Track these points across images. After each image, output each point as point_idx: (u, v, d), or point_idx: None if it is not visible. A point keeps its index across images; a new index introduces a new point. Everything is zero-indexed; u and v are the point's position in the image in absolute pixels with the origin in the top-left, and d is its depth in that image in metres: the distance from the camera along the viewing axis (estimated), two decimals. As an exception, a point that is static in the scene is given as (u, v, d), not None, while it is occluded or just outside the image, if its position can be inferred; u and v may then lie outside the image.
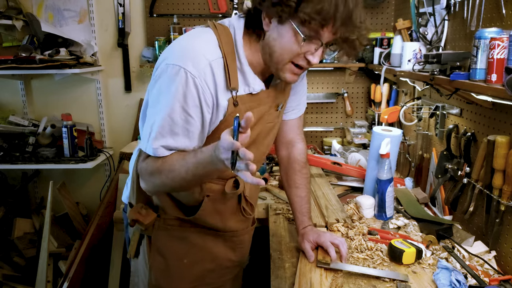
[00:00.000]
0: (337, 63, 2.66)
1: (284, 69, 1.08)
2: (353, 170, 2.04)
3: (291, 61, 1.07)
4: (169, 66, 1.03)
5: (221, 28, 1.12)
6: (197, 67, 1.02)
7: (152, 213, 1.22)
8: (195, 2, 2.71)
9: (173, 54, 1.06)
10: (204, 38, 1.08)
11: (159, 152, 1.05)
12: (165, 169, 1.05)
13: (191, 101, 1.03)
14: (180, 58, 1.03)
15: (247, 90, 1.14)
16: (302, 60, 1.06)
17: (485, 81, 1.20)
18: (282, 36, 1.04)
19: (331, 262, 1.25)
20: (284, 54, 1.06)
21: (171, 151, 1.06)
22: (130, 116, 2.91)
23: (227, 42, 1.10)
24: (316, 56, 1.05)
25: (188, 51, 1.05)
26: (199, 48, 1.05)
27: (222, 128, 1.11)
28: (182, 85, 1.01)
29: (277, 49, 1.06)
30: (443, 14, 1.70)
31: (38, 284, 2.36)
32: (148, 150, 1.07)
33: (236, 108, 1.11)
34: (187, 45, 1.07)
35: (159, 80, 1.06)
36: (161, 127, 1.04)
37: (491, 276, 1.26)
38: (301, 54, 1.05)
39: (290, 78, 1.11)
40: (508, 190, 1.26)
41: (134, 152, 1.38)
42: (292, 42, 1.03)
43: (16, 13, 2.63)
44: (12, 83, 2.83)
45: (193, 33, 1.13)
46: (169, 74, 1.03)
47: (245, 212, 1.32)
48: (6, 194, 2.82)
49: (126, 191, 1.36)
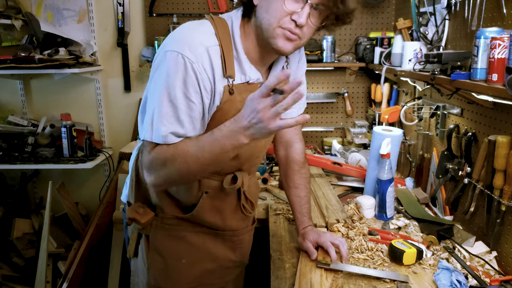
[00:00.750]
0: (338, 63, 2.65)
1: (275, 35, 1.06)
2: (353, 170, 2.04)
3: (280, 26, 1.05)
4: (167, 52, 1.03)
5: (218, 19, 1.13)
6: (195, 52, 1.02)
7: (149, 212, 1.22)
8: (195, 1, 2.70)
9: (171, 42, 1.06)
10: (200, 28, 1.09)
11: (170, 139, 1.03)
12: (180, 155, 1.01)
13: (191, 87, 1.03)
14: (177, 44, 1.03)
15: (243, 79, 1.14)
16: (289, 22, 1.05)
17: (486, 81, 1.20)
18: (269, 1, 1.05)
19: (332, 263, 1.25)
20: (271, 18, 1.05)
21: (179, 138, 1.04)
22: (130, 116, 2.91)
23: (224, 32, 1.10)
24: (301, 16, 1.03)
25: (185, 38, 1.05)
26: (196, 35, 1.06)
27: (217, 116, 1.11)
28: (182, 70, 1.01)
29: (264, 15, 1.06)
30: (443, 13, 1.70)
31: (37, 284, 2.36)
32: (156, 138, 1.03)
33: (231, 96, 1.11)
34: (184, 33, 1.08)
35: (159, 68, 1.05)
36: (165, 114, 1.02)
37: (492, 276, 1.26)
38: (288, 16, 1.04)
39: (282, 44, 1.07)
40: (509, 190, 1.26)
41: (133, 151, 1.37)
42: (277, 3, 1.04)
43: (15, 12, 2.62)
44: (11, 83, 2.83)
45: (190, 23, 1.13)
46: (168, 60, 1.02)
47: (245, 209, 1.31)
48: (5, 194, 2.81)
49: (125, 190, 1.35)
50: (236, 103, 1.12)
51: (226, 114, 1.11)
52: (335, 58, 2.65)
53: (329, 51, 2.61)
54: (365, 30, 2.71)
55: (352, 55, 2.74)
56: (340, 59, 2.73)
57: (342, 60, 2.73)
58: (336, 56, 2.67)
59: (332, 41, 2.60)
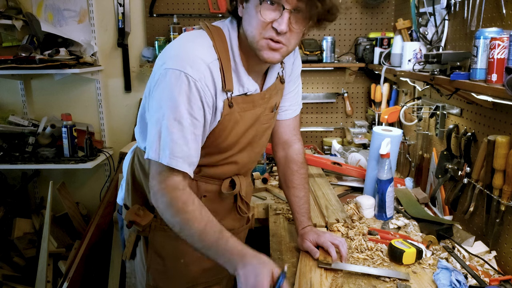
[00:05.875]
0: (337, 63, 2.66)
1: (260, 47, 1.05)
2: (353, 170, 2.04)
3: (263, 37, 1.03)
4: (168, 70, 1.02)
5: (214, 29, 1.11)
6: (197, 70, 1.02)
7: (149, 213, 1.22)
8: (195, 2, 2.71)
9: (171, 58, 1.04)
10: (198, 41, 1.08)
11: (179, 165, 1.02)
12: (187, 228, 1.01)
13: (195, 105, 1.03)
14: (179, 62, 1.02)
15: (241, 91, 1.14)
16: (270, 31, 1.02)
17: (485, 81, 1.20)
18: (249, 13, 1.04)
19: (332, 262, 1.25)
20: (254, 29, 1.03)
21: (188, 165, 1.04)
22: (130, 116, 2.91)
23: (221, 43, 1.09)
24: (281, 23, 1.00)
25: (186, 54, 1.04)
26: (196, 51, 1.04)
27: (217, 129, 1.12)
28: (185, 89, 1.01)
29: (248, 27, 1.05)
30: (443, 14, 1.70)
31: (38, 284, 2.36)
32: (164, 159, 1.02)
33: (230, 109, 1.11)
34: (183, 49, 1.06)
35: (160, 85, 1.03)
36: (171, 134, 1.02)
37: (491, 276, 1.26)
38: (269, 25, 1.02)
39: (267, 55, 1.05)
40: (508, 190, 1.26)
41: (128, 154, 1.37)
42: (257, 13, 1.02)
43: (16, 13, 2.63)
44: (12, 83, 2.83)
45: (187, 36, 1.12)
46: (170, 79, 1.01)
47: (241, 210, 1.33)
48: (6, 194, 2.82)
49: (121, 192, 1.35)
50: (234, 114, 1.12)
51: (225, 128, 1.13)
52: (335, 58, 2.66)
53: (329, 52, 2.61)
54: (364, 31, 2.71)
55: (352, 55, 2.74)
56: (340, 59, 2.74)
57: (342, 60, 2.73)
58: (336, 56, 2.68)
59: (332, 42, 2.60)
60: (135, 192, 1.26)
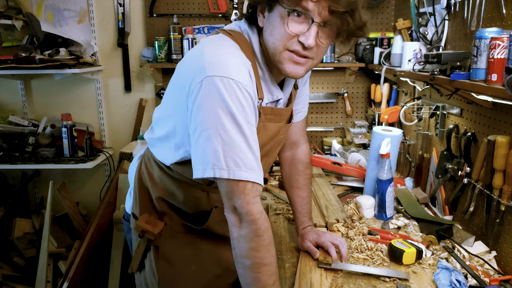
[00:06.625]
0: (337, 63, 2.66)
1: (282, 60, 0.99)
2: (353, 170, 2.04)
3: (286, 48, 0.98)
4: (213, 79, 0.91)
5: (237, 35, 1.05)
6: (243, 75, 0.95)
7: (160, 222, 1.20)
8: (195, 2, 2.71)
9: (208, 67, 0.93)
10: (228, 45, 1.01)
11: (254, 177, 0.94)
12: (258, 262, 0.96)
13: (250, 111, 0.96)
14: (220, 69, 0.92)
15: (270, 99, 1.10)
16: (296, 44, 0.97)
17: (485, 81, 1.20)
18: (273, 24, 0.98)
19: (332, 262, 1.25)
20: (277, 41, 0.98)
21: (258, 175, 0.96)
22: (130, 116, 2.91)
23: (248, 49, 1.03)
24: (309, 37, 0.94)
25: (225, 60, 0.95)
26: (234, 56, 0.98)
27: None
28: (238, 96, 0.93)
29: (270, 38, 0.99)
30: (443, 14, 1.70)
31: (38, 284, 2.36)
32: (235, 174, 0.93)
33: (259, 118, 1.05)
34: (220, 55, 0.97)
35: (206, 96, 0.93)
36: (237, 145, 0.93)
37: (491, 276, 1.26)
38: (294, 38, 0.96)
39: (290, 69, 1.00)
40: (508, 190, 1.26)
41: (134, 161, 1.35)
42: (282, 25, 0.96)
43: (16, 13, 2.63)
44: (12, 83, 2.83)
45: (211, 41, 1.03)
46: (217, 87, 0.91)
47: None
48: (5, 194, 2.82)
49: (129, 201, 1.32)
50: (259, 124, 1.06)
51: None
52: (335, 58, 2.66)
53: (329, 51, 2.61)
54: (365, 30, 2.71)
55: (352, 55, 2.74)
56: (340, 59, 2.74)
57: (342, 60, 2.73)
58: (336, 56, 2.68)
59: (332, 42, 2.60)
60: (143, 200, 1.23)
